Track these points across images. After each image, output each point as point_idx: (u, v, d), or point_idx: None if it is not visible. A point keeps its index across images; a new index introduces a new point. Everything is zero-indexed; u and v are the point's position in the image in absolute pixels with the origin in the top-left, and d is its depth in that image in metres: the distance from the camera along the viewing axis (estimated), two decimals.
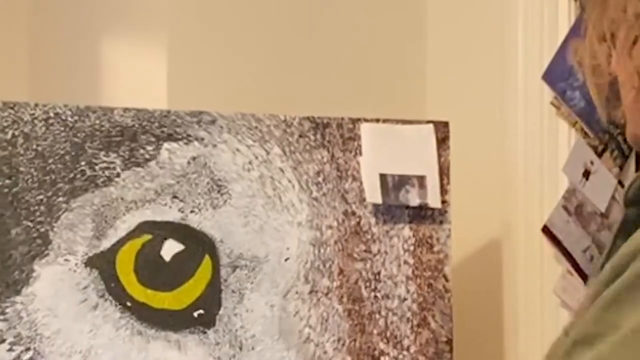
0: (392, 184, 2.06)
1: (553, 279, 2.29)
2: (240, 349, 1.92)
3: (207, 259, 1.91)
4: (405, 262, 2.09)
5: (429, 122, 2.14)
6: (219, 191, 1.94)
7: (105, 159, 1.85)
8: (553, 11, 2.33)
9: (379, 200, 2.05)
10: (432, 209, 2.11)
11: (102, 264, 1.84)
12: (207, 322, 1.89)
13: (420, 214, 2.10)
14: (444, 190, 2.11)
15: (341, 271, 2.03)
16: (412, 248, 2.10)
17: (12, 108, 1.80)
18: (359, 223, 2.05)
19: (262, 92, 2.54)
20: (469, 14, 2.74)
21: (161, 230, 1.89)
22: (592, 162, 2.27)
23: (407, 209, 2.09)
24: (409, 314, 2.09)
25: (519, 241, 2.35)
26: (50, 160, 1.82)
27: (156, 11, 2.59)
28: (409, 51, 2.86)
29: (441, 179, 2.11)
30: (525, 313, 2.34)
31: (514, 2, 2.47)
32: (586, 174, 2.27)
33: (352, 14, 2.76)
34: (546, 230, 2.25)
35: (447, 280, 2.14)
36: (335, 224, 2.03)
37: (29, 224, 1.79)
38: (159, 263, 1.87)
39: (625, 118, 1.06)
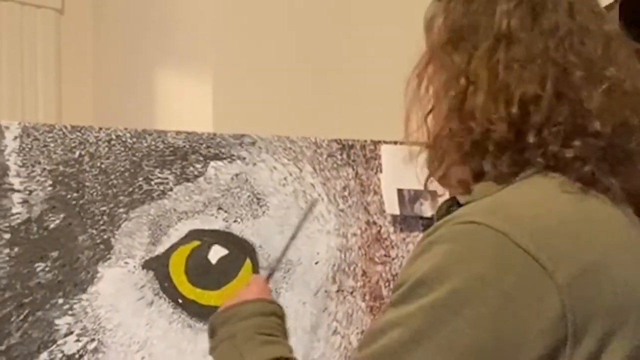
0: (408, 198, 2.04)
1: None
2: None
3: (248, 262, 1.90)
4: None
5: None
6: (258, 203, 1.93)
7: (159, 175, 1.85)
8: None
9: (397, 212, 2.04)
10: None
11: (157, 266, 1.83)
12: None
13: (433, 224, 2.08)
14: None
15: (364, 273, 2.01)
16: None
17: (79, 131, 1.79)
18: (379, 231, 2.04)
19: (296, 117, 2.53)
20: None
21: (208, 237, 1.88)
22: None
23: (421, 219, 2.07)
24: None
25: None
26: (112, 177, 1.81)
27: (202, 46, 2.58)
28: None
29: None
30: None
31: None
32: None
33: (374, 52, 2.75)
34: None
35: None
36: (359, 232, 2.02)
37: (94, 231, 1.79)
38: (206, 265, 1.86)
39: None
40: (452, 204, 1.16)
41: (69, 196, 1.77)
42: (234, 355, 1.34)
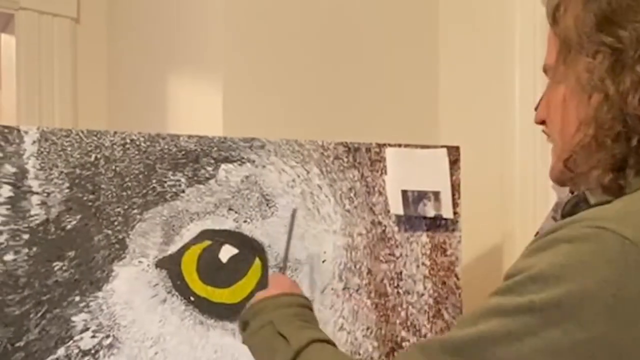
0: (411, 199, 2.04)
1: None
2: None
3: (257, 261, 1.90)
4: (423, 264, 2.07)
5: (442, 146, 2.12)
6: (267, 204, 1.93)
7: (172, 177, 1.85)
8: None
9: (401, 212, 2.04)
10: (446, 219, 2.09)
11: (170, 265, 1.83)
12: None
13: (436, 224, 2.09)
14: (455, 204, 2.10)
15: (369, 271, 2.02)
16: (428, 252, 2.08)
17: (95, 135, 1.79)
18: (384, 231, 2.04)
19: (304, 121, 2.53)
20: (475, 64, 2.73)
21: (219, 237, 1.88)
22: None
23: (425, 219, 2.07)
24: (425, 307, 2.08)
25: (517, 246, 2.33)
26: (127, 179, 1.81)
27: (213, 54, 2.59)
28: (425, 90, 2.85)
29: (453, 194, 2.09)
30: None
31: (510, 47, 2.47)
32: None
33: (378, 59, 2.75)
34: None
35: (457, 278, 2.12)
36: (364, 231, 2.02)
37: (109, 232, 1.79)
38: (217, 264, 1.86)
39: None
40: (579, 202, 1.11)
41: (85, 198, 1.77)
42: (275, 338, 1.31)
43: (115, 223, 1.80)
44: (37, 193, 1.73)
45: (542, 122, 1.17)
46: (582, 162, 1.02)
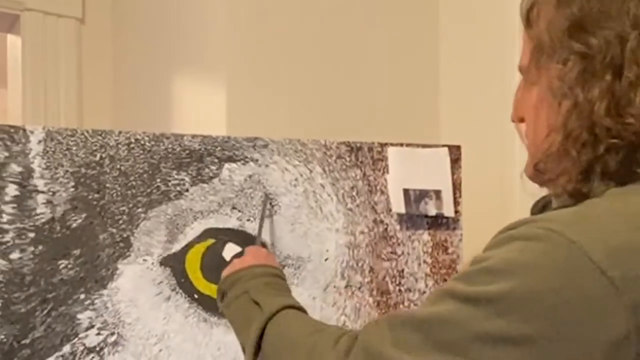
0: (413, 197, 2.04)
1: None
2: None
3: None
4: (425, 262, 2.07)
5: (444, 146, 2.12)
6: (270, 203, 1.93)
7: (176, 176, 1.85)
8: None
9: (403, 211, 2.03)
10: (447, 218, 2.09)
11: (174, 263, 1.83)
12: None
13: (437, 222, 2.09)
14: (456, 202, 2.10)
15: (371, 269, 2.01)
16: (430, 250, 2.08)
17: (100, 135, 1.79)
18: (386, 229, 2.04)
19: (306, 121, 2.53)
20: (475, 64, 2.73)
21: (223, 235, 1.88)
22: None
23: (426, 217, 2.07)
24: None
25: None
26: (132, 178, 1.81)
27: (217, 54, 2.59)
28: (426, 90, 2.85)
29: (454, 193, 2.09)
30: None
31: (510, 47, 2.46)
32: None
33: (379, 60, 2.75)
34: None
35: None
36: (366, 230, 2.02)
37: (114, 230, 1.79)
38: (221, 262, 1.86)
39: None
40: (548, 204, 1.14)
41: (90, 197, 1.77)
42: (250, 306, 1.36)
43: (120, 222, 1.80)
44: (42, 192, 1.73)
45: (521, 120, 1.17)
46: (551, 168, 1.03)
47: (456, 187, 2.11)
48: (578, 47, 0.98)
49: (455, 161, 2.11)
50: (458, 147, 2.13)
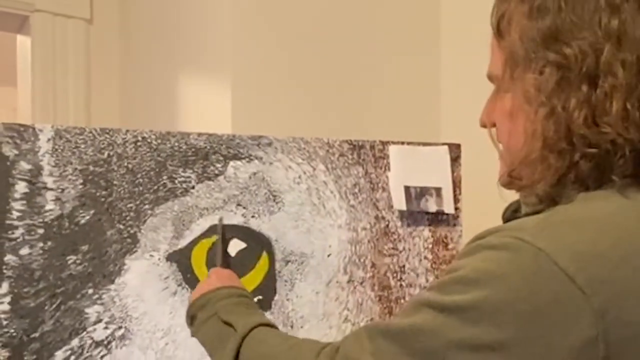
0: (414, 194, 2.04)
1: None
2: (292, 327, 1.91)
3: (265, 254, 1.91)
4: (425, 257, 2.08)
5: (444, 144, 2.12)
6: (274, 200, 1.93)
7: (182, 174, 1.85)
8: None
9: (404, 207, 2.04)
10: (447, 215, 2.09)
11: (180, 259, 1.84)
12: (265, 305, 1.89)
13: (438, 219, 2.09)
14: (456, 199, 2.10)
15: (373, 264, 2.02)
16: (430, 246, 2.08)
17: (107, 133, 1.80)
18: (387, 226, 2.04)
19: (310, 119, 2.54)
20: (475, 63, 2.73)
21: (228, 231, 1.88)
22: None
23: (427, 214, 2.07)
24: None
25: None
26: (139, 176, 1.82)
27: (222, 54, 2.59)
28: (427, 89, 2.85)
29: (454, 190, 2.10)
30: None
31: None
32: None
33: (381, 60, 2.76)
34: None
35: None
36: (368, 226, 2.02)
37: (121, 226, 1.79)
38: (226, 258, 1.87)
39: None
40: (518, 209, 1.14)
41: (98, 194, 1.78)
42: (221, 327, 1.38)
43: (127, 218, 1.80)
44: (51, 189, 1.73)
45: (493, 125, 1.16)
46: (526, 175, 1.04)
47: (456, 184, 2.11)
48: (554, 57, 0.99)
49: (455, 159, 2.11)
50: (458, 146, 2.13)
